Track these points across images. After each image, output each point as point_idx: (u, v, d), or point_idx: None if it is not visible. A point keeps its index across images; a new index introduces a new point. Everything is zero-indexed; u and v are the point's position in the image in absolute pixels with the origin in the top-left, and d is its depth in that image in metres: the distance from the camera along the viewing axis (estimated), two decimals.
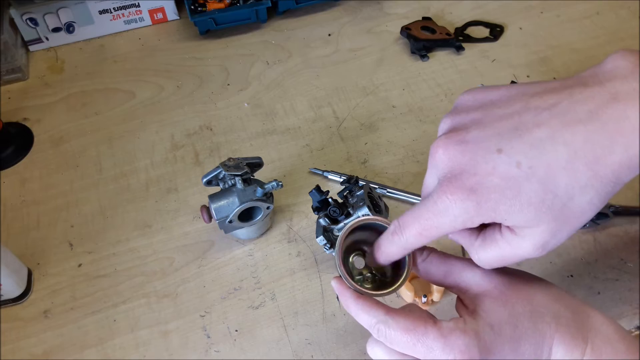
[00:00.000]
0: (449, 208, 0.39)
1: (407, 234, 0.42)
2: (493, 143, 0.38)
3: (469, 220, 0.38)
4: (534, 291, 0.42)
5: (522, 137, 0.37)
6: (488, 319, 0.41)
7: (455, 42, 0.86)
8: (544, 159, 0.36)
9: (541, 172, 0.36)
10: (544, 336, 0.40)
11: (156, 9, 0.92)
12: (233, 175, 0.61)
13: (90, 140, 0.78)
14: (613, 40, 0.86)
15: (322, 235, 0.59)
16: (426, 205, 0.40)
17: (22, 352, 0.59)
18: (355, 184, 0.61)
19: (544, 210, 0.37)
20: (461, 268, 0.44)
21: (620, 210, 0.64)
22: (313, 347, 0.58)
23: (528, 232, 0.38)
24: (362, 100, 0.81)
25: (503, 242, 0.40)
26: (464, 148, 0.39)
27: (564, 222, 0.38)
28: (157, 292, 0.63)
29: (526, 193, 0.37)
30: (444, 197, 0.39)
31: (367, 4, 0.95)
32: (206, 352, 0.58)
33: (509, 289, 0.42)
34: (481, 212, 0.38)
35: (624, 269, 0.61)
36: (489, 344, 0.40)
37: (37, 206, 0.71)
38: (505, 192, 0.37)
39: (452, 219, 0.39)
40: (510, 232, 0.39)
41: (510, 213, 0.37)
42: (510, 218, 0.38)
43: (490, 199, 0.37)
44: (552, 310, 0.41)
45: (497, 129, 0.38)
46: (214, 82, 0.85)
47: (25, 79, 0.86)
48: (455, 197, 0.38)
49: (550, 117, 0.37)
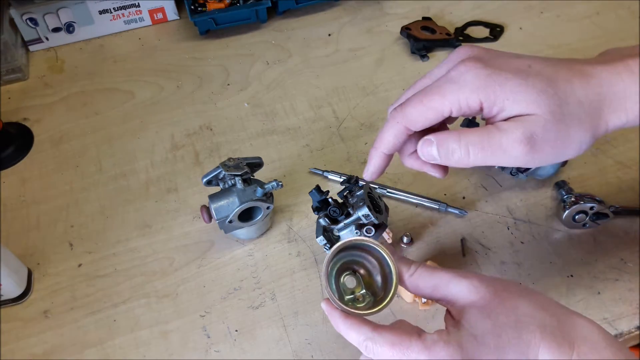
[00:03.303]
0: (462, 74, 0.42)
1: (406, 106, 0.44)
2: (513, 55, 0.44)
3: (474, 92, 0.41)
4: (519, 301, 0.42)
5: (536, 57, 0.44)
6: (472, 329, 0.41)
7: (455, 42, 0.86)
8: (551, 69, 0.42)
9: (548, 73, 0.41)
10: (528, 345, 0.40)
11: (156, 9, 0.92)
12: (233, 175, 0.61)
13: (90, 140, 0.78)
14: (613, 40, 0.86)
15: (322, 235, 0.59)
16: (439, 78, 0.43)
17: (22, 352, 0.59)
18: (355, 184, 0.61)
19: (543, 98, 0.40)
20: (448, 280, 0.45)
21: (620, 210, 0.64)
22: (313, 347, 0.58)
23: (522, 119, 0.41)
24: (362, 100, 0.81)
25: (492, 127, 0.42)
26: (487, 50, 0.44)
27: (556, 121, 0.41)
28: (157, 292, 0.63)
29: (532, 80, 0.41)
30: (460, 65, 0.42)
31: (367, 4, 0.95)
32: (206, 352, 0.58)
33: (494, 300, 0.42)
34: (489, 84, 0.41)
35: (624, 269, 0.61)
36: (471, 354, 0.40)
37: (37, 206, 0.71)
38: (517, 75, 0.41)
39: (459, 86, 0.41)
40: (502, 121, 0.42)
41: (515, 92, 0.41)
42: (512, 97, 0.41)
43: (501, 75, 0.41)
44: (537, 318, 0.41)
45: (514, 53, 0.45)
46: (214, 82, 0.85)
47: (25, 79, 0.86)
48: (472, 65, 0.42)
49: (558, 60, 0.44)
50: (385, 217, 0.61)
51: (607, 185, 0.68)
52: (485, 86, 0.40)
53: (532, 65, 0.42)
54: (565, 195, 0.65)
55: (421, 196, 0.68)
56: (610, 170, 0.70)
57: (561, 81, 0.42)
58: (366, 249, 0.48)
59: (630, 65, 0.42)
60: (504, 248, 0.64)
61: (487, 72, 0.41)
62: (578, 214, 0.63)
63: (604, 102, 0.42)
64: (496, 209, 0.67)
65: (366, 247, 0.48)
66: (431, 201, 0.67)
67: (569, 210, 0.63)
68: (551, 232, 0.65)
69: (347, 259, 0.50)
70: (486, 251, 0.64)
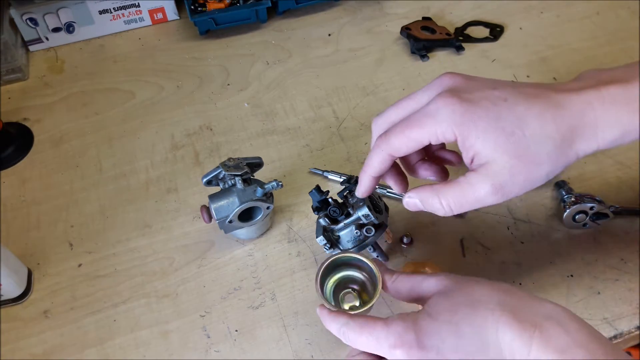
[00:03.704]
0: (439, 109, 0.45)
1: (390, 135, 0.48)
2: (492, 85, 0.46)
3: (450, 126, 0.44)
4: (480, 287, 0.45)
5: (514, 87, 0.46)
6: (429, 309, 0.45)
7: (455, 42, 0.86)
8: (524, 103, 0.44)
9: (519, 110, 0.44)
10: (485, 319, 0.42)
11: (156, 9, 0.92)
12: (233, 175, 0.61)
13: (90, 140, 0.78)
14: (613, 40, 0.86)
15: (322, 235, 0.59)
16: (418, 110, 0.47)
17: (22, 352, 0.59)
18: (355, 184, 0.61)
19: (511, 142, 0.43)
20: (421, 280, 0.49)
21: (620, 210, 0.64)
22: (313, 347, 0.58)
23: (490, 168, 0.44)
24: (362, 100, 0.81)
25: (464, 182, 0.45)
26: (468, 79, 0.48)
27: (524, 164, 0.43)
28: (157, 292, 0.63)
29: (504, 120, 0.43)
30: (438, 100, 0.46)
31: (367, 4, 0.95)
32: (206, 352, 0.58)
33: (455, 286, 0.46)
34: (464, 122, 0.44)
35: (624, 269, 0.61)
36: (425, 327, 0.43)
37: (37, 206, 0.71)
38: (489, 113, 0.44)
39: (437, 121, 0.45)
40: (472, 172, 0.45)
41: (486, 133, 0.43)
42: (483, 137, 0.43)
43: (475, 113, 0.44)
44: (496, 299, 0.43)
45: (497, 82, 0.47)
46: (214, 82, 0.85)
47: (25, 79, 0.86)
48: (448, 101, 0.45)
49: (535, 87, 0.46)
50: (385, 217, 0.61)
51: (607, 185, 0.68)
52: (460, 123, 0.44)
53: (507, 98, 0.45)
54: (565, 195, 0.65)
55: None
56: (610, 170, 0.70)
57: (533, 118, 0.44)
58: (358, 264, 0.56)
59: (602, 93, 0.44)
60: (504, 248, 0.64)
61: (462, 109, 0.44)
62: (578, 214, 0.63)
63: (575, 132, 0.44)
64: (496, 209, 0.67)
65: (358, 264, 0.56)
66: None
67: (569, 210, 0.63)
68: (551, 232, 0.65)
69: (344, 274, 0.57)
70: (486, 251, 0.64)
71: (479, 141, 0.44)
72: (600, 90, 0.44)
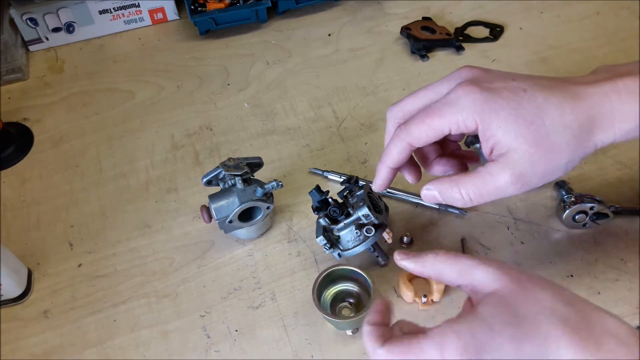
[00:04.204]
0: (460, 97, 0.45)
1: (409, 124, 0.47)
2: (510, 76, 0.47)
3: (471, 114, 0.44)
4: (544, 294, 0.41)
5: (533, 79, 0.46)
6: (490, 319, 0.40)
7: (455, 42, 0.86)
8: (543, 94, 0.44)
9: (539, 100, 0.44)
10: (547, 336, 0.39)
11: (156, 9, 0.92)
12: (233, 175, 0.61)
13: (90, 140, 0.78)
14: (613, 40, 0.86)
15: (322, 235, 0.59)
16: (439, 100, 0.47)
17: (22, 352, 0.59)
18: (355, 184, 0.61)
19: (531, 130, 0.43)
20: (473, 267, 0.44)
21: (620, 210, 0.64)
22: (313, 347, 0.58)
23: (510, 157, 0.44)
24: (362, 100, 0.81)
25: (484, 171, 0.45)
26: (487, 71, 0.48)
27: (543, 153, 0.44)
28: (157, 292, 0.63)
29: (524, 109, 0.44)
30: (459, 89, 0.45)
31: (367, 4, 0.95)
32: (206, 352, 0.58)
33: (517, 289, 0.42)
34: (485, 110, 0.44)
35: (624, 269, 0.61)
36: (485, 343, 0.39)
37: (37, 206, 0.71)
38: (510, 102, 0.44)
39: (458, 109, 0.45)
40: (491, 162, 0.45)
41: (507, 122, 0.44)
42: (504, 126, 0.44)
43: (496, 103, 0.44)
44: (561, 313, 0.40)
45: (515, 74, 0.48)
46: (214, 82, 0.85)
47: (25, 79, 0.86)
48: (469, 89, 0.45)
49: (552, 79, 0.47)
50: (385, 217, 0.61)
51: (607, 185, 0.68)
52: (481, 111, 0.44)
53: (527, 89, 0.45)
54: (565, 195, 0.65)
55: None
56: (610, 170, 0.70)
57: (552, 108, 0.44)
58: (354, 277, 0.58)
59: (618, 85, 0.45)
60: (504, 248, 0.64)
61: (483, 97, 0.44)
62: (578, 214, 0.63)
63: (594, 123, 0.44)
64: (496, 209, 0.67)
65: (354, 276, 0.57)
66: None
67: (569, 210, 0.63)
68: (551, 232, 0.65)
69: (341, 287, 0.59)
70: (486, 251, 0.64)
71: (500, 130, 0.44)
72: (616, 82, 0.45)
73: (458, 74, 0.49)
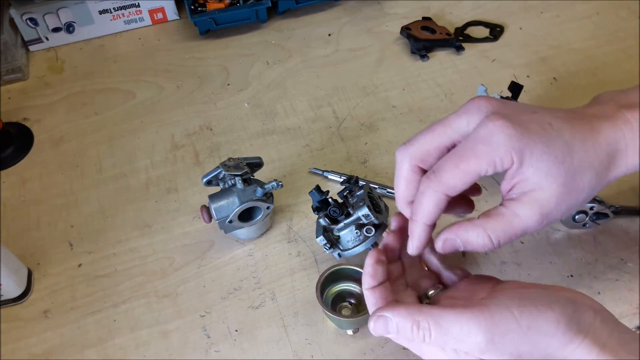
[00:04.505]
0: (494, 134, 0.41)
1: (441, 171, 0.42)
2: (528, 108, 0.44)
3: (508, 152, 0.41)
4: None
5: (550, 111, 0.44)
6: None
7: (455, 42, 0.86)
8: (568, 128, 0.42)
9: (566, 136, 0.42)
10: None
11: (156, 9, 0.92)
12: (233, 175, 0.61)
13: (90, 140, 0.78)
14: (613, 40, 0.86)
15: (322, 235, 0.59)
16: (465, 140, 0.43)
17: (22, 352, 0.59)
18: (355, 184, 0.61)
19: (561, 170, 0.41)
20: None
21: (620, 210, 0.64)
22: (313, 347, 0.58)
23: (536, 196, 0.41)
24: (362, 100, 0.81)
25: (509, 213, 0.42)
26: (503, 103, 0.44)
27: (569, 192, 0.42)
28: (157, 292, 0.63)
29: (555, 146, 0.41)
30: (489, 124, 0.42)
31: (367, 4, 0.95)
32: (206, 352, 0.58)
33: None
34: (521, 147, 0.41)
35: (624, 269, 0.61)
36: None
37: (37, 206, 0.71)
38: (542, 138, 0.41)
39: (494, 148, 0.41)
40: (515, 202, 0.42)
41: (540, 160, 0.41)
42: (536, 165, 0.41)
43: (530, 139, 0.41)
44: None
45: (528, 106, 0.45)
46: (214, 82, 0.85)
47: (25, 79, 0.86)
48: (501, 124, 0.41)
49: (564, 111, 0.45)
50: (385, 217, 0.61)
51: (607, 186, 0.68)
52: (518, 149, 0.41)
53: (552, 123, 0.42)
54: None
55: None
56: None
57: (578, 145, 0.42)
58: (356, 277, 0.58)
59: (629, 119, 0.44)
60: (503, 248, 0.64)
61: (517, 133, 0.41)
62: (578, 214, 0.63)
63: (612, 159, 0.43)
64: None
65: (356, 276, 0.58)
66: None
67: None
68: (551, 232, 0.65)
69: (343, 287, 0.59)
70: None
71: (532, 169, 0.41)
72: (626, 116, 0.44)
73: (476, 107, 0.44)
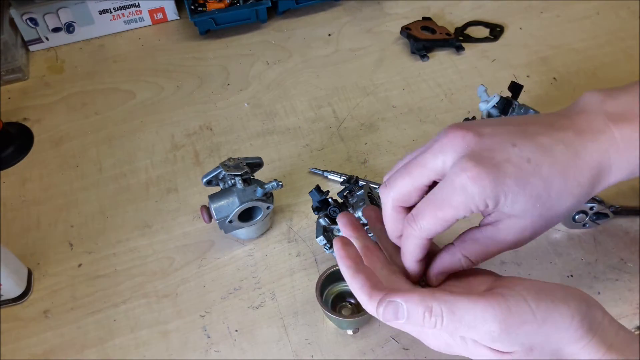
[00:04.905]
0: (467, 186, 0.41)
1: (420, 219, 0.44)
2: (507, 138, 0.42)
3: (482, 199, 0.41)
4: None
5: (531, 139, 0.42)
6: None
7: (455, 42, 0.86)
8: (547, 161, 0.42)
9: (544, 172, 0.41)
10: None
11: (156, 9, 0.92)
12: (233, 175, 0.61)
13: (90, 140, 0.78)
14: (613, 40, 0.86)
15: (322, 235, 0.59)
16: (441, 186, 0.43)
17: (22, 352, 0.59)
18: (355, 184, 0.61)
19: (538, 205, 0.42)
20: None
21: (620, 210, 0.64)
22: (313, 347, 0.58)
23: (513, 222, 0.43)
24: (362, 100, 0.81)
25: (483, 238, 0.44)
26: (480, 137, 0.42)
27: (545, 221, 0.43)
28: (157, 292, 0.63)
29: (531, 186, 0.41)
30: (463, 175, 0.42)
31: (367, 4, 0.95)
32: (206, 352, 0.58)
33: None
34: (495, 193, 0.41)
35: (624, 269, 0.61)
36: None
37: (37, 206, 0.71)
38: (517, 180, 0.41)
39: (469, 198, 0.42)
40: (491, 227, 0.44)
41: (515, 201, 0.41)
42: (511, 206, 0.42)
43: (505, 183, 0.41)
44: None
45: (508, 130, 0.43)
46: (214, 82, 0.85)
47: (25, 79, 0.86)
48: (475, 175, 0.41)
49: (547, 132, 0.43)
50: None
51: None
52: (493, 196, 0.42)
53: (530, 158, 0.42)
54: None
55: None
56: None
57: (556, 178, 0.42)
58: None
59: (616, 138, 0.43)
60: None
61: (491, 183, 0.41)
62: (578, 214, 0.63)
63: (594, 180, 0.43)
64: None
65: None
66: None
67: None
68: (551, 232, 0.65)
69: (344, 287, 0.59)
70: None
71: (507, 208, 0.42)
72: (613, 133, 0.43)
73: (451, 146, 0.43)
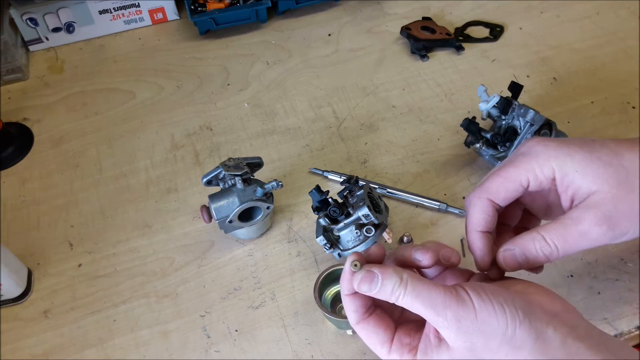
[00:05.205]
0: (532, 146, 0.44)
1: (485, 180, 0.46)
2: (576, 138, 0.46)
3: (547, 160, 0.43)
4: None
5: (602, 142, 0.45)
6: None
7: (455, 42, 0.86)
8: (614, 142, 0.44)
9: (612, 146, 0.43)
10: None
11: (156, 9, 0.92)
12: (233, 175, 0.61)
13: (90, 140, 0.78)
14: (613, 40, 0.86)
15: (322, 235, 0.59)
16: (511, 155, 0.46)
17: (22, 352, 0.59)
18: (355, 184, 0.61)
19: (610, 172, 0.42)
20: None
21: None
22: (313, 347, 0.58)
23: (591, 200, 0.42)
24: (362, 100, 0.81)
25: (566, 217, 0.43)
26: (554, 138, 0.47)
27: (626, 193, 0.41)
28: (157, 292, 0.63)
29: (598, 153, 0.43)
30: (529, 141, 0.45)
31: (367, 4, 0.95)
32: (206, 352, 0.58)
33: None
34: (559, 155, 0.43)
35: (624, 269, 0.61)
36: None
37: (37, 206, 0.71)
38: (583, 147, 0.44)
39: (532, 157, 0.44)
40: (573, 208, 0.43)
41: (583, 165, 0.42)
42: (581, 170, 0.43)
43: (569, 147, 0.43)
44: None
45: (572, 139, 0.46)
46: (214, 82, 0.85)
47: (25, 79, 0.86)
48: (540, 139, 0.44)
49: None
50: (385, 217, 0.61)
51: None
52: (555, 156, 0.42)
53: (595, 140, 0.44)
54: None
55: (421, 196, 0.68)
56: None
57: (625, 150, 0.42)
58: None
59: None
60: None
61: (555, 144, 0.43)
62: None
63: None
64: None
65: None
66: (431, 201, 0.67)
67: None
68: None
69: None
70: None
71: (578, 175, 0.42)
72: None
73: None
